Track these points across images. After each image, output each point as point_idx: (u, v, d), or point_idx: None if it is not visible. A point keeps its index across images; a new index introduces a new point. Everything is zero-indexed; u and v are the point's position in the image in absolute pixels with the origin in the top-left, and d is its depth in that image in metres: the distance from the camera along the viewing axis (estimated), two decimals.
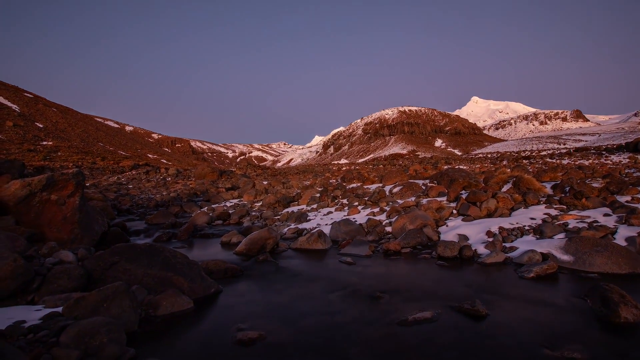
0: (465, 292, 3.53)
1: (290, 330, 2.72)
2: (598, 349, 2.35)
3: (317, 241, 5.71)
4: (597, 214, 5.61)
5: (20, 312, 2.58)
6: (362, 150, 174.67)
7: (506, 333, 2.61)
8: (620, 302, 2.82)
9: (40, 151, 42.28)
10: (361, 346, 2.45)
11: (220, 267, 4.24)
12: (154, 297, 3.09)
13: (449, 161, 38.33)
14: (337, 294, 3.57)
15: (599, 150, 35.50)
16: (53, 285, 3.09)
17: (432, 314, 2.92)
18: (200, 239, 7.00)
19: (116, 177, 26.75)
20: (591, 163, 22.56)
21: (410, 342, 2.50)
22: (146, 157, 63.20)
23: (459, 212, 6.59)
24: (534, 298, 3.31)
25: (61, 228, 4.94)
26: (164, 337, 2.63)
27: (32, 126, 56.38)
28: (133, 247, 3.69)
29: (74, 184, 5.32)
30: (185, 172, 28.69)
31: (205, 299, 3.44)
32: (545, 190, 7.37)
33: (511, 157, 39.46)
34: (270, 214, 9.19)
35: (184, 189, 17.88)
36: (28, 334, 2.23)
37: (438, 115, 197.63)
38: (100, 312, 2.54)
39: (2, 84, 73.97)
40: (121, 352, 2.20)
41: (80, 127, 73.42)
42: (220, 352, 2.40)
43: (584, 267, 4.07)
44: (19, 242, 3.79)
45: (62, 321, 2.37)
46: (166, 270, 3.49)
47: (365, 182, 12.91)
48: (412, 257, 4.96)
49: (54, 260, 3.52)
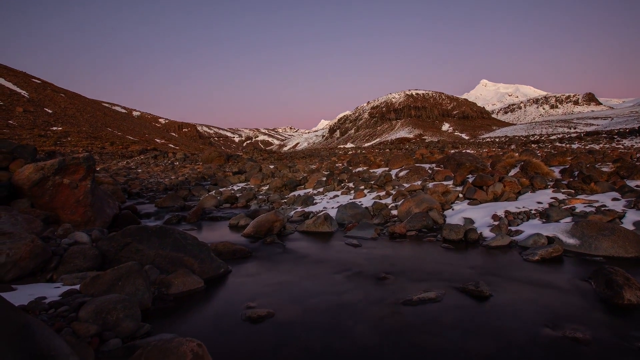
0: (470, 274, 3.58)
1: (298, 309, 2.80)
2: (600, 329, 2.39)
3: (324, 224, 5.78)
4: (605, 198, 5.58)
5: (41, 289, 2.70)
6: (368, 135, 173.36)
7: (509, 313, 2.66)
8: (625, 285, 2.85)
9: (50, 136, 42.77)
10: (366, 324, 2.53)
11: (229, 249, 4.34)
12: (166, 276, 3.20)
13: (456, 145, 37.96)
14: (343, 274, 3.65)
15: (610, 135, 34.81)
16: (70, 265, 3.21)
17: (437, 294, 2.98)
18: (209, 221, 7.13)
19: (125, 162, 27.05)
20: (602, 147, 22.20)
21: (414, 321, 2.57)
22: (154, 142, 63.56)
23: (465, 196, 6.59)
24: (538, 280, 3.35)
25: (75, 211, 5.07)
26: (176, 314, 2.74)
27: (41, 112, 56.85)
28: (144, 228, 3.78)
29: (85, 168, 5.42)
30: (192, 157, 28.87)
31: (215, 279, 3.54)
32: (553, 175, 7.31)
33: (520, 142, 38.92)
34: (277, 198, 9.28)
35: (191, 173, 18.06)
36: (49, 309, 2.34)
37: (445, 99, 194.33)
38: (115, 290, 2.64)
39: (10, 70, 74.31)
40: (137, 327, 2.30)
41: (89, 112, 73.83)
42: (230, 328, 2.50)
43: (590, 250, 4.09)
44: (35, 224, 3.92)
45: (80, 298, 2.48)
46: (177, 251, 3.59)
47: (372, 166, 12.90)
48: (417, 240, 5.01)
49: (70, 241, 3.64)
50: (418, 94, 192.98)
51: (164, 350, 1.69)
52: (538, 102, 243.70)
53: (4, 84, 63.81)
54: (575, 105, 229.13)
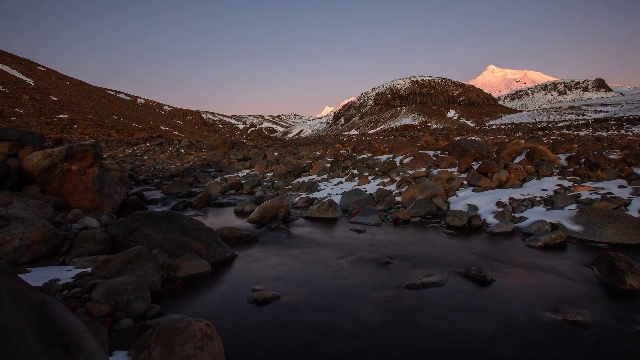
0: (473, 259, 3.62)
1: (303, 292, 2.87)
2: (601, 313, 2.43)
3: (328, 210, 5.83)
4: (611, 185, 5.55)
5: (54, 272, 2.78)
6: (372, 121, 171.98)
7: (511, 297, 2.71)
8: (627, 270, 2.87)
9: (57, 124, 43.03)
10: (370, 307, 2.59)
11: (235, 234, 4.41)
12: (174, 260, 3.28)
13: (461, 132, 37.61)
14: (347, 259, 3.71)
15: (619, 122, 34.25)
16: (81, 249, 3.29)
17: (439, 278, 3.03)
18: (215, 207, 7.21)
19: (131, 149, 27.20)
20: (610, 134, 21.89)
21: (417, 304, 2.62)
22: (159, 129, 63.69)
23: (469, 183, 6.59)
24: (541, 266, 3.38)
25: (83, 196, 5.16)
26: (185, 296, 2.82)
27: (47, 99, 57.03)
28: (152, 214, 3.85)
29: (92, 155, 5.49)
30: (197, 144, 28.94)
31: (221, 263, 3.62)
32: (559, 162, 7.27)
33: (526, 129, 38.45)
34: (282, 184, 9.33)
35: (196, 160, 18.15)
36: (63, 290, 2.42)
37: (451, 85, 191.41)
38: (125, 273, 2.72)
39: (14, 58, 74.26)
40: (147, 307, 2.38)
41: (94, 99, 73.92)
42: (237, 310, 2.57)
43: (594, 237, 4.10)
44: (46, 209, 4.00)
45: (92, 280, 2.56)
46: (184, 235, 3.66)
47: (376, 152, 12.88)
48: (421, 226, 5.05)
49: (80, 226, 3.72)
50: (424, 80, 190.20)
51: (174, 330, 1.75)
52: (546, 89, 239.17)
53: (9, 71, 63.91)
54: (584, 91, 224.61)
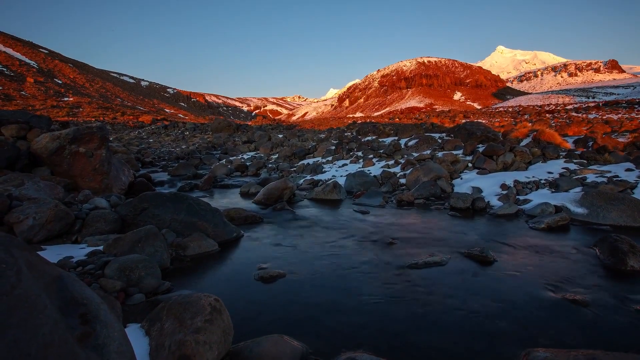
0: (476, 240, 3.66)
1: (308, 270, 2.94)
2: (600, 293, 2.47)
3: (333, 192, 5.88)
4: (618, 168, 5.52)
5: (67, 250, 2.88)
6: (377, 104, 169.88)
7: (512, 277, 2.76)
8: (629, 252, 2.90)
9: (63, 107, 43.12)
10: (373, 285, 2.65)
11: (241, 215, 4.48)
12: (182, 239, 3.36)
13: (468, 115, 37.11)
14: (351, 240, 3.77)
15: (631, 104, 33.51)
16: (92, 228, 3.39)
17: (442, 258, 3.09)
18: (221, 189, 7.29)
19: (137, 132, 27.27)
20: (620, 117, 21.48)
21: (419, 282, 2.69)
22: (163, 112, 63.58)
23: (474, 166, 6.58)
24: (543, 247, 3.42)
25: (92, 178, 5.24)
26: (194, 273, 2.91)
27: (52, 82, 56.93)
28: (160, 195, 3.92)
29: (99, 137, 5.54)
30: (202, 127, 28.91)
31: (228, 243, 3.70)
32: (566, 145, 7.20)
33: (534, 112, 37.80)
34: (287, 166, 9.37)
35: (202, 142, 18.19)
36: (77, 267, 2.51)
37: (459, 67, 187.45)
38: (135, 251, 2.81)
39: (17, 40, 73.75)
40: (158, 284, 2.47)
41: (98, 82, 73.65)
42: (244, 287, 2.65)
43: (597, 219, 4.12)
44: (57, 190, 4.09)
45: (104, 257, 2.65)
46: (191, 216, 3.73)
47: (381, 135, 12.80)
48: (424, 208, 5.09)
49: (90, 206, 3.80)
50: (430, 62, 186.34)
51: (184, 304, 1.82)
52: (556, 70, 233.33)
53: (12, 54, 63.64)
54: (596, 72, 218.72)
